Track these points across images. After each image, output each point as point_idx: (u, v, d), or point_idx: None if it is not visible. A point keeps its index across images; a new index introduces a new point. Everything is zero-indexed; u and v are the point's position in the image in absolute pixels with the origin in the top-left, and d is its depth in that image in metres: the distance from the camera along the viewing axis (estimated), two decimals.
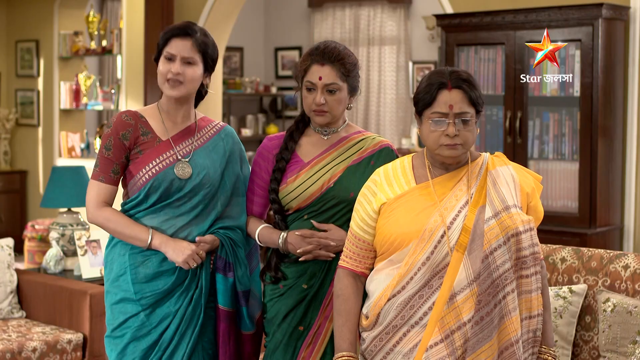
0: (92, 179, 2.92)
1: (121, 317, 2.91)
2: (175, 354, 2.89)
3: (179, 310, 2.89)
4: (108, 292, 2.96)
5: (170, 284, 2.89)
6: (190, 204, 2.92)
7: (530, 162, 5.15)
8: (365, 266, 2.63)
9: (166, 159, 2.90)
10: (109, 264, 2.99)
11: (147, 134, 2.91)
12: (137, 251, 2.91)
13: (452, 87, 2.47)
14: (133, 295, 2.89)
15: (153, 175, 2.87)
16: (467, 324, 2.41)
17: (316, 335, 2.86)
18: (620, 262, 3.16)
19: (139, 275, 2.90)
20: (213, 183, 2.94)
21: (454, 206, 2.48)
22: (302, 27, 10.35)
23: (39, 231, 6.91)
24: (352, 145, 2.92)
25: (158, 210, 2.90)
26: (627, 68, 5.05)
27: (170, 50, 2.88)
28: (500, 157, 2.62)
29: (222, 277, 2.94)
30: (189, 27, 2.91)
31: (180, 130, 2.97)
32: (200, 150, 2.96)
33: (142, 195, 2.88)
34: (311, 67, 2.84)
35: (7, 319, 4.59)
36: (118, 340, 2.92)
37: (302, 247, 2.82)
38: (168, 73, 2.88)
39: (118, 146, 2.88)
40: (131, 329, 2.90)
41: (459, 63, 5.38)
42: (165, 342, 2.88)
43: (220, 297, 2.95)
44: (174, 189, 2.88)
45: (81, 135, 8.49)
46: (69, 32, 8.30)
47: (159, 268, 2.90)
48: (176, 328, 2.89)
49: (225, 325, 2.96)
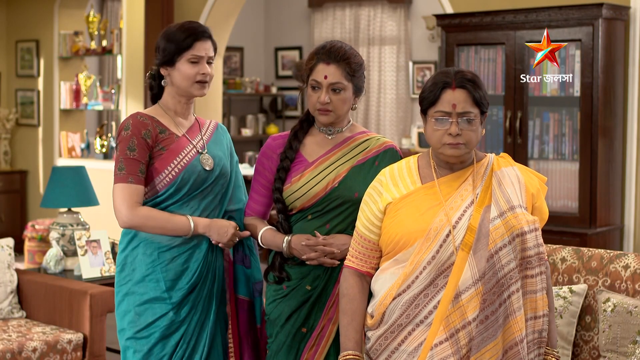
0: (119, 183, 2.91)
1: (149, 318, 2.94)
2: (198, 346, 2.97)
3: (200, 301, 2.97)
4: (132, 293, 2.96)
5: (196, 277, 2.96)
6: (212, 195, 3.02)
7: (530, 162, 5.15)
8: (371, 266, 2.64)
9: (189, 153, 2.98)
10: (129, 265, 2.99)
11: (164, 132, 2.98)
12: (165, 249, 2.95)
13: (457, 86, 2.48)
14: (164, 294, 2.93)
15: (182, 168, 2.94)
16: (472, 322, 2.41)
17: (319, 337, 2.85)
18: (621, 262, 3.16)
19: (170, 272, 2.94)
20: (228, 173, 3.07)
21: (459, 206, 2.49)
22: (302, 27, 10.35)
23: (39, 231, 6.91)
24: (356, 146, 2.92)
25: (185, 203, 2.97)
26: (627, 68, 5.05)
27: (198, 53, 2.96)
28: (505, 158, 2.64)
29: (242, 268, 3.08)
30: (206, 29, 3.01)
31: (190, 126, 3.06)
32: (210, 143, 3.07)
33: (174, 189, 2.94)
34: (317, 66, 2.84)
35: (7, 319, 4.59)
36: (144, 342, 2.94)
37: (306, 254, 2.83)
38: (197, 75, 2.96)
39: (142, 145, 2.92)
40: (160, 329, 2.93)
41: (459, 63, 5.38)
42: (188, 334, 2.95)
43: (242, 287, 3.07)
44: (200, 180, 2.97)
45: (81, 135, 8.49)
46: (69, 32, 8.30)
47: (187, 264, 2.96)
48: (198, 319, 2.97)
49: (246, 316, 3.07)
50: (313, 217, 2.87)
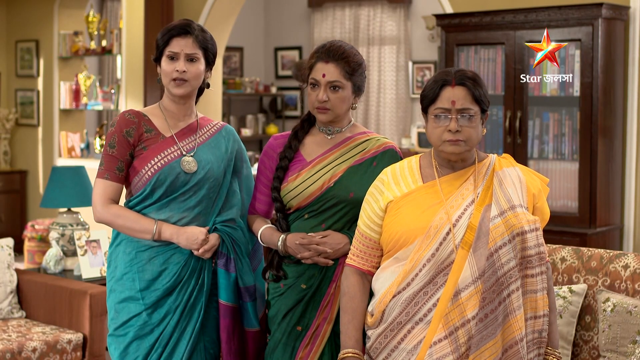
0: (98, 178, 2.94)
1: (124, 316, 2.92)
2: (176, 351, 2.90)
3: (179, 306, 2.91)
4: (112, 290, 2.97)
5: (173, 281, 2.90)
6: (196, 199, 2.94)
7: (530, 162, 5.15)
8: (372, 265, 2.64)
9: (171, 154, 2.92)
10: (112, 262, 2.99)
11: (150, 131, 2.94)
12: (143, 249, 2.92)
13: (456, 83, 2.50)
14: (138, 294, 2.90)
15: (158, 169, 2.89)
16: (472, 321, 2.42)
17: (314, 336, 2.86)
18: (620, 262, 3.16)
19: (146, 272, 2.91)
20: (217, 178, 2.98)
21: (460, 204, 2.50)
22: (302, 27, 10.35)
23: (39, 231, 6.91)
24: (355, 146, 2.92)
25: (164, 205, 2.92)
26: (627, 68, 5.05)
27: (173, 49, 2.91)
28: (507, 158, 2.65)
29: (224, 272, 2.96)
30: (187, 25, 2.94)
31: (183, 128, 3.00)
32: (203, 146, 3.00)
33: (148, 190, 2.90)
34: (316, 65, 2.86)
35: (7, 319, 4.59)
36: (121, 339, 2.93)
37: (301, 253, 2.83)
38: (173, 72, 2.91)
39: (122, 143, 2.90)
40: (134, 328, 2.91)
41: (459, 63, 5.38)
42: (165, 338, 2.90)
43: (223, 292, 2.96)
44: (179, 183, 2.91)
45: (81, 135, 8.49)
46: (69, 32, 8.30)
47: (164, 266, 2.91)
48: (175, 324, 2.90)
49: (227, 322, 2.97)
50: (309, 216, 2.88)
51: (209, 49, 2.97)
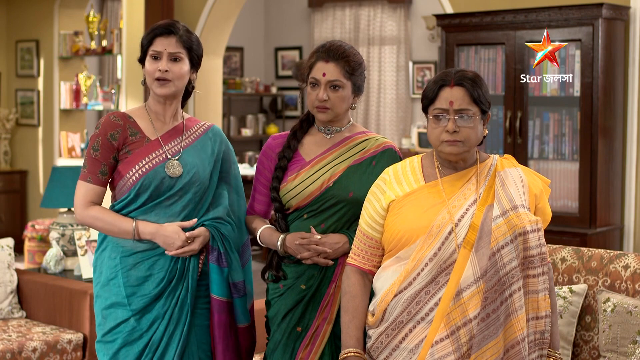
0: (80, 180, 2.91)
1: (112, 322, 2.89)
2: (166, 355, 2.87)
3: (167, 311, 2.88)
4: (98, 296, 2.94)
5: (161, 286, 2.88)
6: (182, 203, 2.92)
7: (530, 162, 5.15)
8: (373, 264, 2.65)
9: (156, 158, 2.90)
10: (98, 267, 2.96)
11: (135, 134, 2.91)
12: (128, 254, 2.89)
13: (455, 84, 2.50)
14: (124, 300, 2.87)
15: (143, 174, 2.86)
16: (473, 320, 2.42)
17: (314, 336, 2.85)
18: (620, 262, 3.16)
19: (131, 278, 2.88)
20: (203, 181, 2.95)
21: (462, 204, 2.50)
22: (302, 27, 10.36)
23: (39, 231, 6.91)
24: (354, 145, 2.92)
25: (149, 210, 2.90)
26: (627, 68, 5.05)
27: (156, 49, 2.89)
28: (509, 159, 2.65)
29: (217, 267, 2.93)
30: (171, 25, 2.92)
31: (168, 130, 2.97)
32: (189, 149, 2.97)
33: (133, 195, 2.88)
34: (316, 64, 2.86)
35: (7, 319, 4.59)
36: (109, 345, 2.89)
37: (300, 253, 2.83)
38: (155, 72, 2.89)
39: (106, 146, 2.88)
40: (122, 334, 2.87)
41: (459, 63, 5.38)
42: (154, 344, 2.87)
43: (216, 288, 2.93)
44: (164, 187, 2.88)
45: (81, 135, 8.50)
46: (69, 32, 8.30)
47: (150, 271, 2.89)
48: (164, 329, 2.88)
49: (221, 317, 2.94)
50: (309, 216, 2.88)
51: (193, 49, 2.94)
